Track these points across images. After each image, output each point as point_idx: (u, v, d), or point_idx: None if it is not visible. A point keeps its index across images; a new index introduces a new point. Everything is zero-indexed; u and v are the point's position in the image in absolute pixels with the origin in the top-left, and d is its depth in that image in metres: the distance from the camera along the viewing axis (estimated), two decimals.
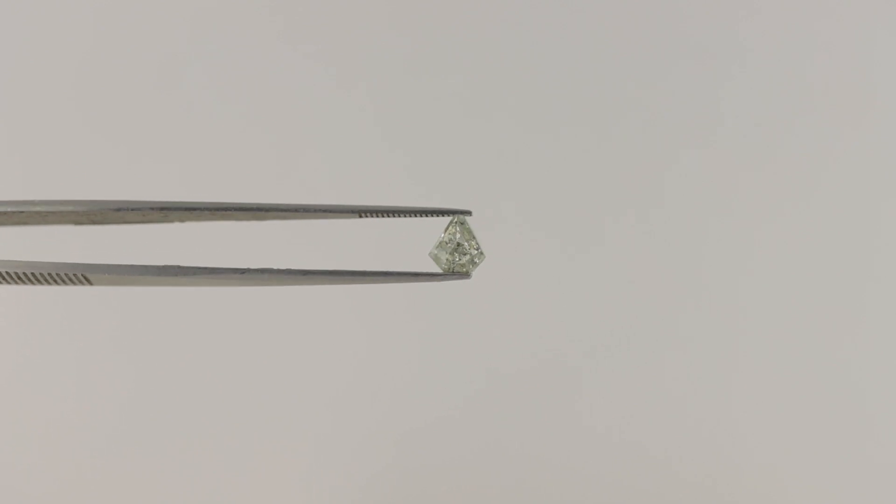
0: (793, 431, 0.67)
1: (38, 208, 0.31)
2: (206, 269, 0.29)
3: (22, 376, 0.65)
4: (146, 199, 0.32)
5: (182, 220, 0.34)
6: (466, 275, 0.30)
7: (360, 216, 0.34)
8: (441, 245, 0.30)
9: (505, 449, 0.67)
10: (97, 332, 0.65)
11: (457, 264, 0.30)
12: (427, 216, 0.33)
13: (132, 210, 0.32)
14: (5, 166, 0.65)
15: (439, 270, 0.31)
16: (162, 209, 0.32)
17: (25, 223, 0.34)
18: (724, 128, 0.67)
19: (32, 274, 0.30)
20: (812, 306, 0.67)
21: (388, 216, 0.34)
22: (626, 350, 0.67)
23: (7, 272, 0.29)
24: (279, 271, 0.30)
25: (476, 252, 0.30)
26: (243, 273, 0.30)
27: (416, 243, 0.34)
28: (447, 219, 0.32)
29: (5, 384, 0.65)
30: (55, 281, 0.31)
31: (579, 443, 0.67)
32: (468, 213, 0.33)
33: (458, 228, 0.30)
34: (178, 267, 0.29)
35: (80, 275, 0.30)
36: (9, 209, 0.31)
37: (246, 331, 0.65)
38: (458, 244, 0.30)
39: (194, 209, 0.32)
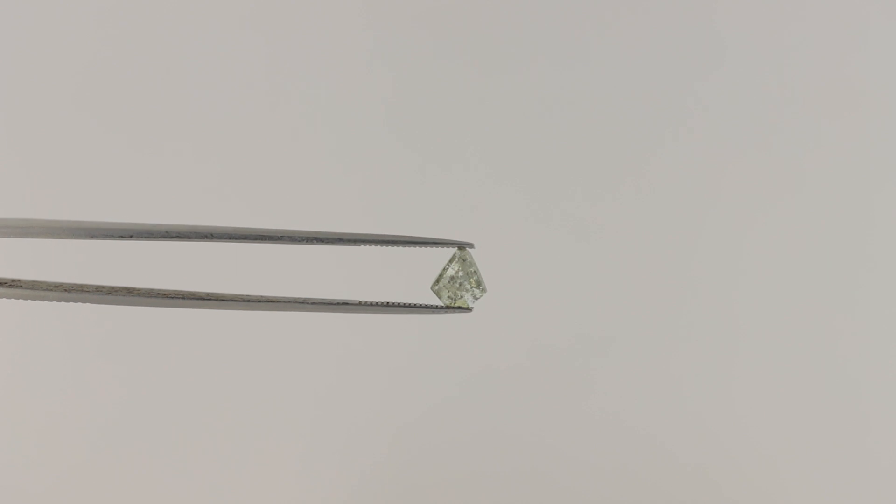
0: (796, 424, 0.67)
1: (40, 227, 0.31)
2: (211, 294, 0.29)
3: (20, 377, 0.65)
4: (153, 220, 0.32)
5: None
6: (467, 309, 0.31)
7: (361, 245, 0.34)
8: (442, 280, 0.31)
9: (503, 442, 0.67)
10: (94, 333, 0.65)
11: (458, 300, 0.31)
12: (429, 246, 0.34)
13: (139, 237, 0.32)
14: (5, 169, 0.65)
15: (441, 303, 0.31)
16: (167, 235, 0.32)
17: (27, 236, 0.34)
18: (723, 124, 0.67)
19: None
20: (813, 300, 0.68)
21: (390, 245, 0.34)
22: (628, 342, 0.67)
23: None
24: (282, 300, 0.30)
25: (477, 288, 0.31)
26: (247, 302, 0.30)
27: (419, 268, 0.34)
28: (450, 249, 0.32)
29: (4, 385, 0.65)
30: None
31: (579, 435, 0.67)
32: (470, 245, 0.33)
33: (459, 265, 0.31)
34: (185, 300, 0.29)
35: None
36: (9, 226, 0.31)
37: (239, 328, 0.65)
38: (461, 283, 0.30)
39: (203, 236, 0.32)
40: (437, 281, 0.31)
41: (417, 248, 0.34)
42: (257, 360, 0.66)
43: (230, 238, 0.33)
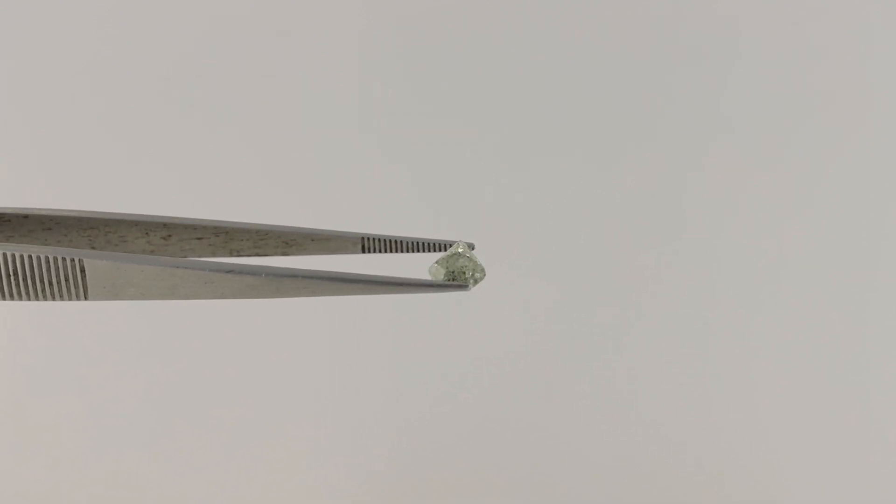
0: (800, 425, 0.66)
1: (42, 212, 0.31)
2: (199, 262, 0.29)
3: (26, 379, 0.65)
4: (149, 213, 0.32)
5: (184, 251, 0.34)
6: (464, 285, 0.29)
7: (364, 250, 0.34)
8: (441, 259, 0.30)
9: (506, 439, 0.66)
10: (100, 334, 0.65)
11: (458, 274, 0.29)
12: (431, 250, 0.33)
13: (135, 223, 0.32)
14: (11, 170, 0.65)
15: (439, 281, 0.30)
16: (165, 225, 0.32)
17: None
18: (729, 128, 0.67)
19: (28, 273, 0.30)
20: (819, 304, 0.66)
21: (392, 250, 0.34)
22: (630, 344, 0.66)
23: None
24: (275, 270, 0.29)
25: (476, 269, 0.30)
26: (237, 272, 0.29)
27: (418, 271, 0.33)
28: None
29: (10, 386, 0.65)
30: (51, 289, 0.30)
31: (581, 437, 0.66)
32: (471, 246, 0.32)
33: (460, 246, 0.30)
34: (176, 260, 0.29)
35: (77, 274, 0.30)
36: (11, 211, 0.31)
37: (244, 327, 0.65)
38: (460, 255, 0.29)
39: (196, 227, 0.32)
40: (436, 261, 0.30)
41: (419, 254, 0.33)
42: (263, 357, 0.65)
43: (227, 228, 0.32)
